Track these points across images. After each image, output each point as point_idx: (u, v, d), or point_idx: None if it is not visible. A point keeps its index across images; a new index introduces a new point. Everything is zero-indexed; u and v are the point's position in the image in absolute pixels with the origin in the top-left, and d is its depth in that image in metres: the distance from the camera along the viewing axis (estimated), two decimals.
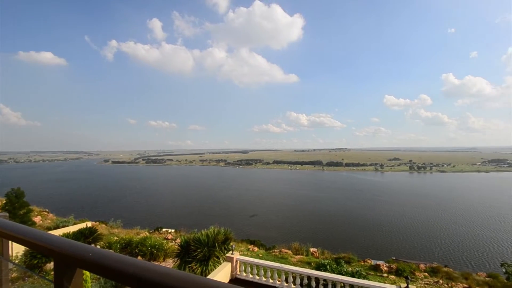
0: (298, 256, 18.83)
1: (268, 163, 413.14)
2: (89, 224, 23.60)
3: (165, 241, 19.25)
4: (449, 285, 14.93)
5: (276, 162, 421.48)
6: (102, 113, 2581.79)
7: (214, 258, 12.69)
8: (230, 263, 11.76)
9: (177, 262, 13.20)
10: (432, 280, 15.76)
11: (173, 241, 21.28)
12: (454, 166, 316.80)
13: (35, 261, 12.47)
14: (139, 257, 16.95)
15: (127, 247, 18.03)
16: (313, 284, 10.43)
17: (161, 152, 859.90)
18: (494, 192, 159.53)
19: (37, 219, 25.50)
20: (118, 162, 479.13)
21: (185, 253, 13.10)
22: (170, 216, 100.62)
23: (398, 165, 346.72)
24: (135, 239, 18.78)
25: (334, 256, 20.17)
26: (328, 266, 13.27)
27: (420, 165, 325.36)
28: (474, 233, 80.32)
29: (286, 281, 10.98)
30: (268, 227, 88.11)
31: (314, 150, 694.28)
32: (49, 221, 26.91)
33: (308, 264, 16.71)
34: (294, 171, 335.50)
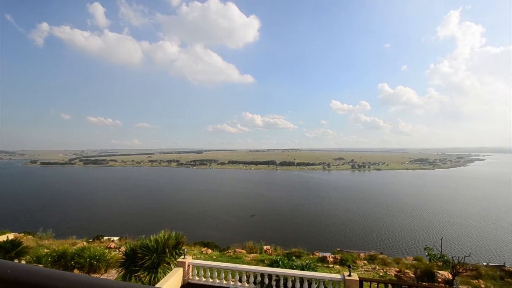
0: (252, 255, 19.09)
1: (223, 163, 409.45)
2: (11, 236, 20.16)
3: (107, 251, 17.45)
4: (384, 270, 16.90)
5: (231, 162, 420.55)
6: (28, 107, 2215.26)
7: (164, 264, 12.01)
8: (182, 268, 11.28)
9: (122, 272, 12.10)
10: (370, 267, 17.65)
11: (117, 250, 19.48)
12: (387, 165, 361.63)
13: None
14: (75, 270, 15.04)
15: (61, 259, 15.84)
16: (266, 281, 10.69)
17: (102, 152, 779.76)
18: (419, 186, 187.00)
19: None
20: (49, 163, 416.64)
21: (131, 262, 12.09)
22: (114, 223, 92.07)
23: (343, 164, 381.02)
24: (70, 251, 16.60)
25: (286, 251, 21.04)
26: (280, 262, 13.75)
27: (360, 164, 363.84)
28: (405, 223, 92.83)
29: (240, 280, 11.03)
30: (223, 228, 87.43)
31: (268, 150, 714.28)
32: None
33: (262, 262, 17.07)
34: (249, 171, 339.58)
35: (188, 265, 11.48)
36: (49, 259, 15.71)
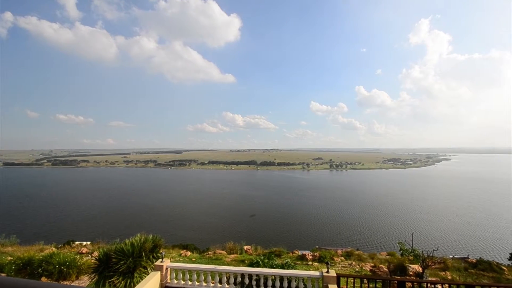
0: (233, 255, 18.99)
1: (203, 164, 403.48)
2: None
3: (78, 256, 16.50)
4: (360, 265, 17.56)
5: (212, 162, 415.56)
6: None
7: (141, 268, 11.59)
8: (159, 272, 10.94)
9: (95, 279, 11.50)
10: (347, 263, 18.25)
11: (89, 255, 18.50)
12: (363, 165, 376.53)
13: None
14: (43, 278, 14.06)
15: (27, 267, 14.73)
16: (246, 281, 10.67)
17: (73, 151, 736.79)
18: (392, 184, 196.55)
19: None
20: (13, 164, 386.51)
21: (105, 267, 11.53)
22: (86, 227, 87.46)
23: (321, 164, 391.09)
24: (37, 257, 15.48)
25: (267, 251, 21.17)
26: (260, 262, 13.80)
27: (338, 164, 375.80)
28: (380, 220, 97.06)
29: (220, 282, 10.92)
30: (204, 229, 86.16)
31: (249, 150, 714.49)
32: None
33: (242, 262, 17.04)
34: (229, 171, 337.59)
35: (166, 269, 11.16)
36: (13, 267, 14.55)
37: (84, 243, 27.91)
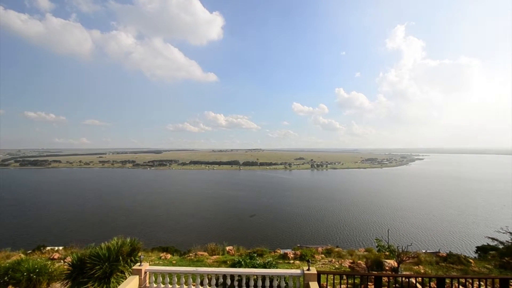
0: (214, 257, 18.77)
1: (184, 164, 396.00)
2: None
3: (49, 262, 15.51)
4: (339, 262, 18.04)
5: (193, 162, 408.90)
6: None
7: (118, 273, 11.12)
8: (137, 276, 10.56)
9: (68, 285, 10.89)
10: (327, 260, 18.66)
11: (62, 261, 17.49)
12: (342, 164, 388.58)
13: None
14: (10, 287, 13.08)
15: None
16: (228, 281, 10.60)
17: (44, 151, 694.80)
18: (370, 183, 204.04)
19: None
20: None
21: (79, 273, 10.96)
22: (58, 231, 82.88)
23: (303, 164, 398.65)
24: (2, 265, 14.37)
25: (249, 251, 21.13)
26: (242, 262, 13.76)
27: (318, 163, 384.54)
28: (359, 217, 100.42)
29: (201, 284, 10.74)
30: (185, 231, 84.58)
31: (232, 150, 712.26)
32: None
33: (224, 263, 16.89)
34: (212, 171, 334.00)
35: (145, 272, 10.81)
36: None
37: (56, 248, 26.38)
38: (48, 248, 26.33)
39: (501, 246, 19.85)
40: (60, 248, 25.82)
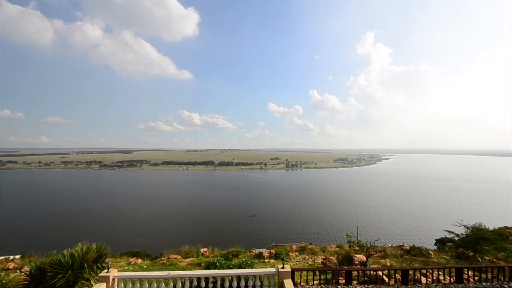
0: (188, 259, 18.33)
1: (156, 164, 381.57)
2: None
3: (3, 273, 14.04)
4: (313, 259, 18.59)
5: (166, 163, 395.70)
6: None
7: (83, 281, 10.41)
8: (105, 284, 9.96)
9: None
10: (301, 257, 19.14)
11: (18, 271, 15.95)
12: (316, 164, 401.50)
13: None
14: None
15: None
16: (203, 284, 10.41)
17: None
18: (341, 182, 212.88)
19: None
20: None
21: (39, 283, 10.11)
22: (13, 239, 75.48)
23: (278, 164, 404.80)
24: None
25: (224, 252, 20.96)
26: (217, 263, 13.61)
27: (293, 163, 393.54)
28: (331, 214, 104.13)
29: (175, 287, 10.43)
30: (157, 234, 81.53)
31: (207, 150, 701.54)
32: None
33: (199, 265, 16.57)
34: (186, 171, 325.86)
35: (113, 279, 10.24)
36: None
37: (12, 257, 24.13)
38: (1, 258, 23.94)
39: (456, 238, 21.78)
40: (17, 257, 23.66)
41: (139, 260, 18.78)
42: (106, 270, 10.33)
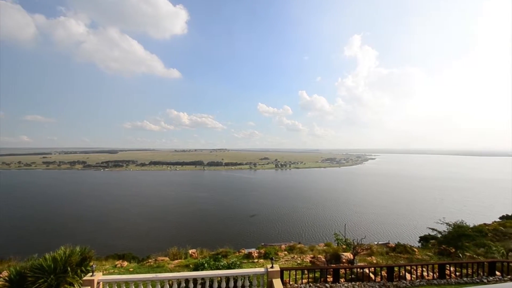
0: (176, 261, 18.06)
1: (143, 164, 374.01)
2: None
3: None
4: (301, 257, 18.75)
5: (154, 163, 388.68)
6: None
7: (66, 286, 10.06)
8: (89, 287, 9.69)
9: None
10: (290, 257, 19.26)
11: None
12: (305, 164, 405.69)
13: None
14: None
15: None
16: (191, 286, 10.30)
17: None
18: (330, 181, 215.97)
19: None
20: None
21: None
22: None
23: (267, 164, 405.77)
24: None
25: (213, 253, 20.80)
26: (206, 264, 13.50)
27: (282, 163, 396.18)
28: (319, 213, 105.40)
29: None
30: (144, 236, 79.93)
31: (196, 150, 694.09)
32: None
33: (187, 267, 16.36)
34: (174, 172, 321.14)
35: (98, 283, 9.96)
36: None
37: None
38: None
39: (439, 235, 22.59)
40: None
41: (125, 263, 18.33)
42: (90, 274, 10.04)
